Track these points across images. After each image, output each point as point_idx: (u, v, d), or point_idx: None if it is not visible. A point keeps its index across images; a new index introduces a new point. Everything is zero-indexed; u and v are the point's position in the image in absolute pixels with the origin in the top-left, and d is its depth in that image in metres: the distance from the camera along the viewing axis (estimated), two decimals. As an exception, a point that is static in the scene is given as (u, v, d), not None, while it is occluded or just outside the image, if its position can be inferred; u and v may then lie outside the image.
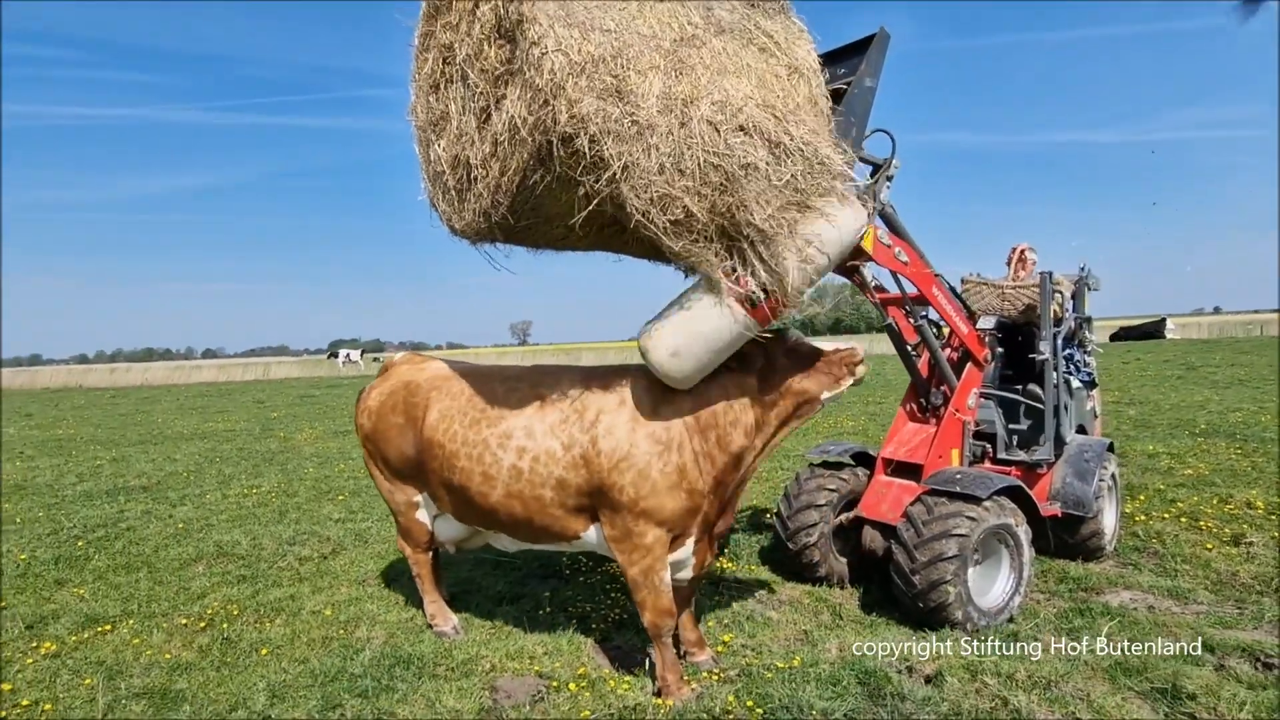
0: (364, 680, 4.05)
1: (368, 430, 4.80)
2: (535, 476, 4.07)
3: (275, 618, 5.16)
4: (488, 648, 4.53)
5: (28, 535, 7.53)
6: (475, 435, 4.23)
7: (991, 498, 4.84)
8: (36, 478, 11.04)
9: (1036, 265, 6.48)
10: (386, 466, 4.77)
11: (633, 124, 3.26)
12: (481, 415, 4.27)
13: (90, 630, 4.98)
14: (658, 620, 3.99)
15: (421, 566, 4.93)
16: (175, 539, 7.24)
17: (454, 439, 4.29)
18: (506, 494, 4.14)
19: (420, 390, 4.60)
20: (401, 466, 4.67)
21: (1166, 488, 7.85)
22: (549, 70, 3.12)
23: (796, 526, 5.65)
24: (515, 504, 4.15)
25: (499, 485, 4.15)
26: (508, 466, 4.12)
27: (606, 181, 3.27)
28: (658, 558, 3.95)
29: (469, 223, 3.69)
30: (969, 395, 5.55)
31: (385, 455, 4.73)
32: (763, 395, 3.99)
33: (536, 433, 4.10)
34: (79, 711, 3.88)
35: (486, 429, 4.21)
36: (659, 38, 3.41)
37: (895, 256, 5.03)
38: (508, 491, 4.14)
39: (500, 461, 4.14)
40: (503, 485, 4.14)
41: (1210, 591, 5.35)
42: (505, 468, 4.12)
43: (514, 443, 4.12)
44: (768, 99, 3.52)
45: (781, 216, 3.43)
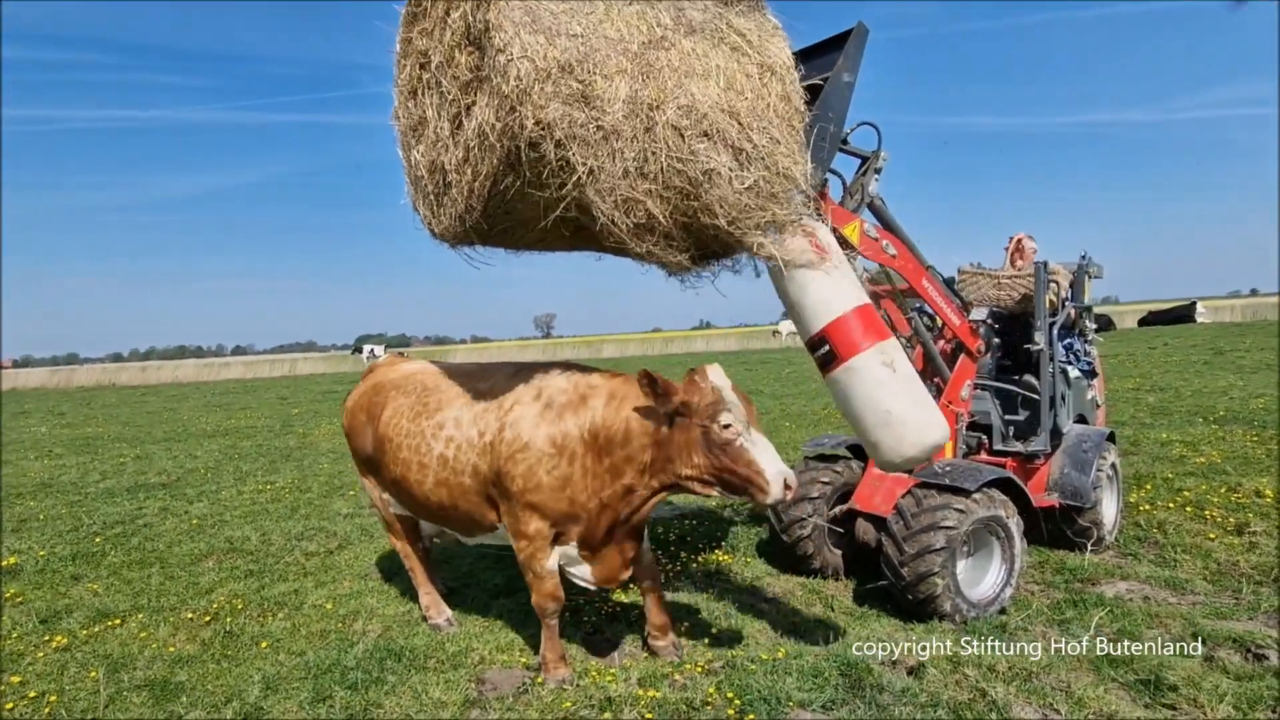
0: (355, 673, 4.16)
1: (346, 428, 5.13)
2: (458, 464, 4.25)
3: (278, 611, 5.30)
4: (479, 640, 4.63)
5: (49, 532, 7.77)
6: (415, 427, 4.46)
7: (981, 490, 4.84)
8: (62, 475, 11.36)
9: (1036, 254, 6.43)
10: (359, 462, 5.08)
11: (598, 129, 3.30)
12: (423, 408, 4.50)
13: (101, 624, 5.15)
14: (541, 603, 4.18)
15: (411, 559, 5.06)
16: (189, 535, 7.44)
17: (399, 432, 4.52)
18: (436, 482, 4.34)
19: (383, 390, 4.85)
20: (367, 463, 4.95)
21: (1175, 476, 7.75)
22: (514, 77, 3.17)
23: (790, 519, 5.68)
24: (443, 491, 4.33)
25: (430, 473, 4.34)
26: (437, 455, 4.31)
27: (573, 186, 3.33)
28: (539, 547, 4.11)
29: (447, 226, 3.76)
30: (962, 387, 5.54)
31: (356, 452, 5.04)
32: (662, 444, 3.86)
33: (463, 422, 4.29)
34: (83, 703, 4.03)
35: (425, 420, 4.44)
36: (627, 41, 3.44)
37: (883, 250, 5.03)
38: (437, 479, 4.33)
39: (432, 450, 4.33)
40: (433, 473, 4.33)
41: (1208, 582, 5.31)
42: (435, 456, 4.31)
43: (444, 432, 4.32)
44: (734, 102, 3.55)
45: (742, 221, 3.50)
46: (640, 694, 3.91)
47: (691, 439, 3.78)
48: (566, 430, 4.03)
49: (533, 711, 3.80)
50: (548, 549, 4.14)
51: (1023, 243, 6.39)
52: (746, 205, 3.51)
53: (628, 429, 3.93)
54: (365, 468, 5.01)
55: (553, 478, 4.00)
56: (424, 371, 4.88)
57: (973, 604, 4.81)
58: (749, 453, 3.72)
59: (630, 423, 3.92)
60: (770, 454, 3.75)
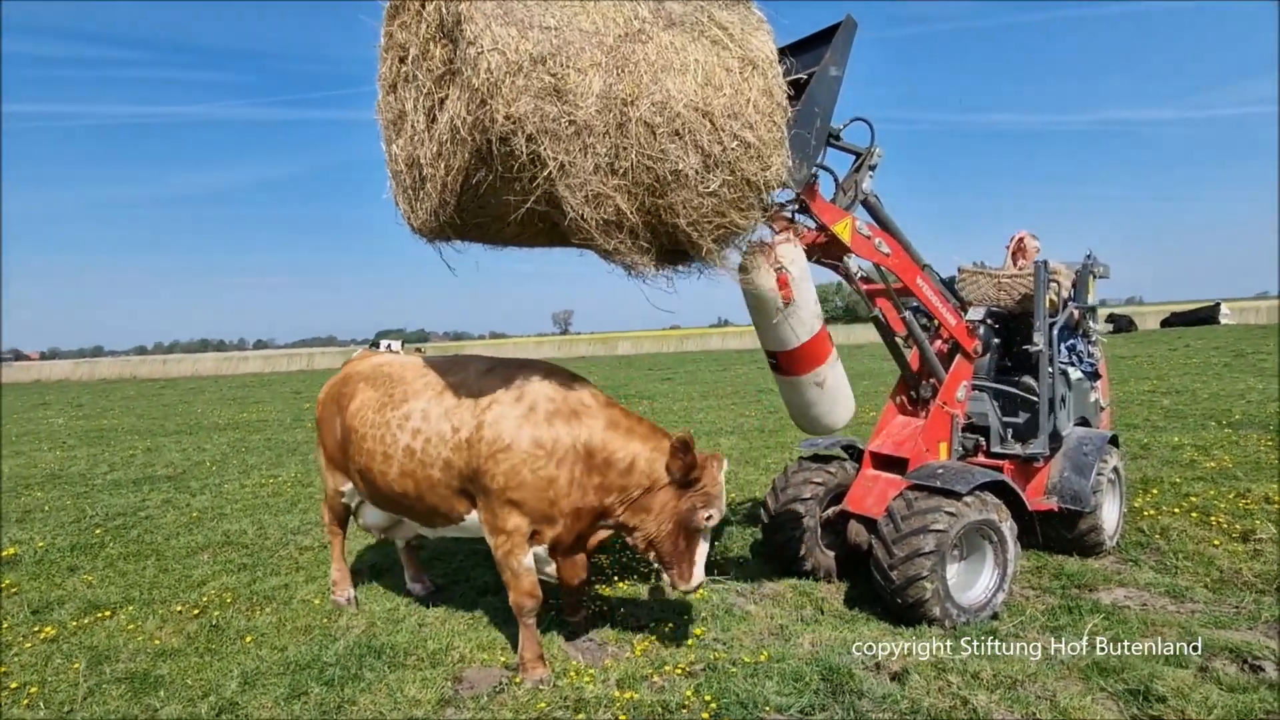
0: (334, 669, 4.15)
1: (317, 417, 5.26)
2: (426, 456, 4.32)
3: (266, 606, 5.31)
4: (461, 638, 4.61)
5: (52, 523, 7.85)
6: (380, 418, 4.55)
7: (972, 493, 4.75)
8: (72, 467, 11.49)
9: (1039, 253, 6.30)
10: (324, 452, 5.18)
11: (570, 124, 3.27)
12: (389, 400, 4.60)
13: (90, 616, 5.18)
14: (519, 600, 4.22)
15: (334, 537, 5.42)
16: (187, 528, 7.48)
17: (365, 423, 4.62)
18: (401, 473, 4.41)
19: (352, 381, 4.96)
20: (333, 453, 5.04)
21: (1183, 481, 7.60)
22: (485, 70, 3.14)
23: (782, 519, 5.62)
24: (409, 483, 4.40)
25: (395, 464, 4.42)
26: (403, 446, 4.38)
27: (544, 180, 3.29)
28: (517, 544, 4.17)
29: (424, 221, 3.73)
30: (958, 388, 5.45)
31: (324, 442, 5.14)
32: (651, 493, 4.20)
33: (432, 416, 4.36)
34: (62, 695, 4.04)
35: (390, 412, 4.52)
36: (602, 34, 3.39)
37: (876, 248, 4.96)
38: (401, 470, 4.40)
39: (397, 441, 4.41)
40: (398, 464, 4.41)
41: (1209, 590, 5.18)
42: (401, 448, 4.39)
43: (411, 424, 4.40)
44: (711, 99, 3.50)
45: (702, 225, 3.51)
46: (617, 695, 3.88)
47: (676, 508, 4.15)
48: (557, 436, 4.14)
49: (507, 711, 3.77)
50: (525, 545, 4.20)
51: (1025, 241, 6.27)
52: (708, 209, 3.53)
53: (633, 463, 4.19)
54: (330, 458, 5.12)
55: (538, 478, 4.09)
56: (393, 364, 4.96)
57: (963, 609, 4.73)
58: (698, 547, 4.22)
59: (639, 459, 4.19)
60: (704, 555, 4.28)
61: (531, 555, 4.24)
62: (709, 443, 11.45)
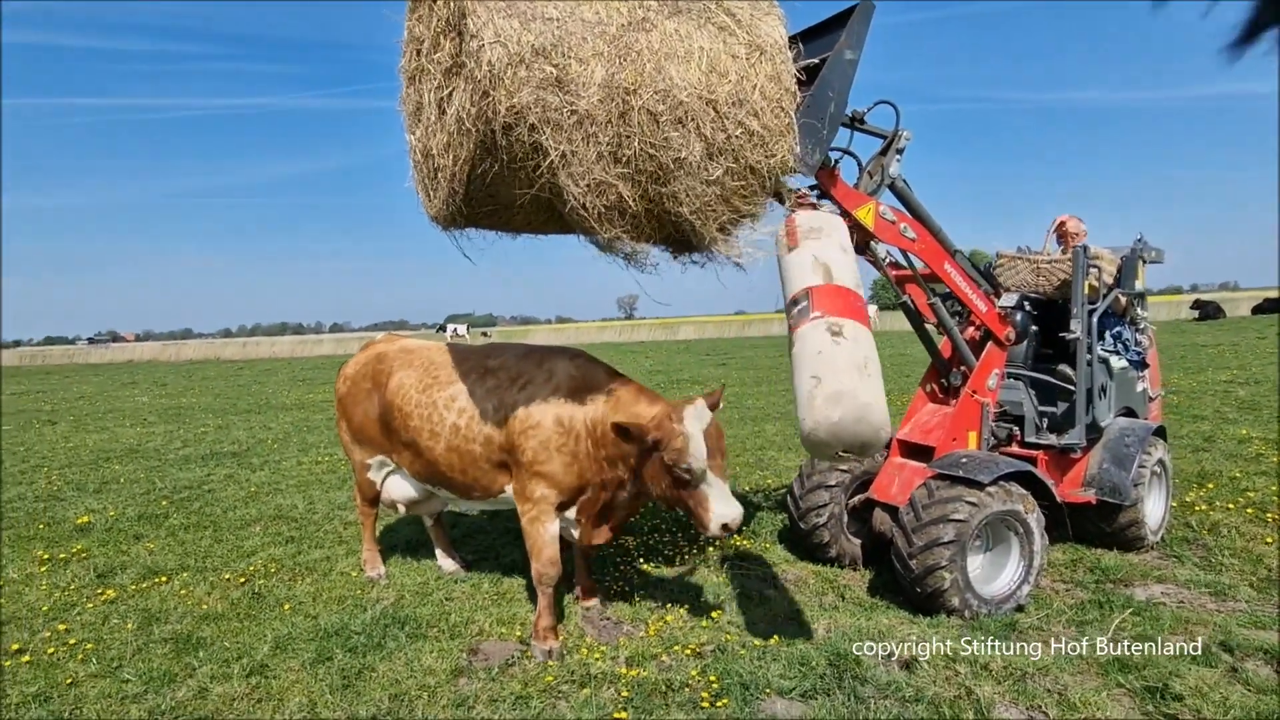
0: (359, 637, 4.36)
1: (341, 394, 5.47)
2: (470, 432, 4.63)
3: (306, 576, 5.59)
4: (483, 612, 4.77)
5: (125, 494, 8.39)
6: (426, 399, 4.84)
7: (996, 483, 4.66)
8: (149, 442, 12.21)
9: (1085, 237, 6.08)
10: (350, 427, 5.41)
11: (572, 113, 3.34)
12: (434, 382, 4.89)
13: (149, 581, 5.54)
14: (542, 568, 4.40)
15: (366, 518, 5.65)
16: (244, 501, 7.90)
17: (409, 402, 4.91)
18: (447, 448, 4.72)
19: (387, 359, 5.24)
20: (365, 427, 5.28)
21: (1244, 475, 7.26)
22: (487, 63, 3.23)
23: (807, 506, 5.62)
24: (454, 457, 4.71)
25: (442, 440, 4.73)
26: (449, 424, 4.70)
27: (547, 169, 3.37)
28: (544, 511, 4.41)
29: (438, 210, 3.86)
30: (989, 376, 5.33)
31: (352, 417, 5.36)
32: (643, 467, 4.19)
33: (476, 395, 4.68)
34: (114, 652, 4.36)
35: (436, 393, 4.82)
36: (605, 23, 3.44)
37: (901, 233, 4.89)
38: (448, 445, 4.71)
39: (444, 420, 4.72)
40: (444, 440, 4.72)
41: (1254, 588, 4.96)
42: (448, 425, 4.71)
43: (457, 404, 4.71)
44: (715, 86, 3.51)
45: (705, 213, 3.53)
46: (623, 673, 3.97)
47: (658, 471, 4.16)
48: (573, 414, 4.43)
49: (515, 684, 3.91)
50: (551, 514, 4.45)
51: (1066, 225, 6.06)
52: (711, 197, 3.55)
53: None
54: (358, 433, 5.36)
55: (562, 454, 4.40)
56: (426, 348, 5.26)
57: (985, 600, 4.65)
58: (701, 492, 4.05)
59: None
60: (720, 497, 4.03)
61: (556, 525, 4.48)
62: (754, 428, 11.43)
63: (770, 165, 3.71)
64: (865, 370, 3.55)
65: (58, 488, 8.84)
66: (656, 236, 3.86)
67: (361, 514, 5.67)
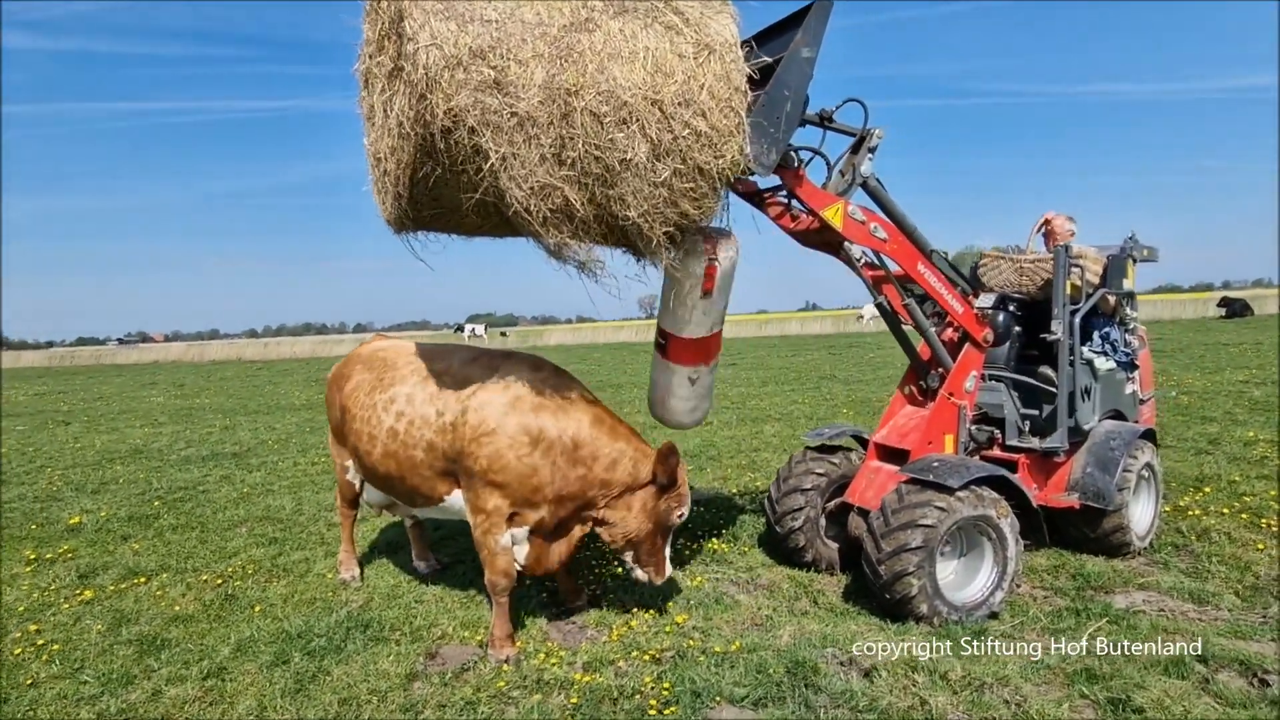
0: (320, 640, 4.37)
1: (326, 396, 5.46)
2: (408, 438, 4.50)
3: (283, 578, 5.62)
4: (448, 615, 4.77)
5: (121, 495, 8.50)
6: (369, 400, 4.78)
7: (967, 487, 4.57)
8: (154, 443, 12.38)
9: (1073, 237, 5.95)
10: (331, 428, 5.43)
11: (512, 115, 3.31)
12: (379, 383, 4.80)
13: (128, 582, 5.61)
14: (494, 579, 4.35)
15: (345, 519, 5.62)
16: (235, 502, 7.97)
17: (357, 404, 4.86)
18: (384, 453, 4.61)
19: (353, 363, 5.19)
20: (335, 430, 5.30)
21: (1243, 479, 7.08)
22: (423, 65, 3.21)
23: (783, 510, 5.55)
24: (391, 463, 4.60)
25: (379, 444, 4.63)
26: (386, 428, 4.59)
27: (488, 173, 3.35)
28: (495, 523, 4.30)
29: (389, 213, 3.85)
30: (966, 378, 5.24)
31: (331, 419, 5.38)
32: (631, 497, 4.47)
33: (417, 399, 4.54)
34: (79, 653, 4.41)
35: (378, 395, 4.73)
36: (546, 24, 3.41)
37: (871, 233, 4.81)
38: (385, 450, 4.60)
39: (381, 423, 4.62)
40: (381, 445, 4.62)
41: (1239, 597, 4.83)
42: (385, 429, 4.60)
43: (395, 407, 4.60)
44: (661, 87, 3.47)
45: (652, 216, 3.49)
46: (578, 678, 3.94)
47: (655, 509, 4.44)
48: (544, 426, 4.29)
49: (468, 689, 3.89)
50: (503, 525, 4.34)
51: (1053, 223, 5.93)
52: (659, 200, 3.51)
53: (617, 461, 4.39)
54: (335, 436, 5.38)
55: (522, 464, 4.24)
56: (390, 349, 5.17)
57: (956, 607, 4.57)
58: (667, 546, 4.66)
59: (624, 458, 4.40)
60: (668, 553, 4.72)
61: (509, 535, 4.38)
62: (752, 429, 11.35)
63: (720, 166, 3.66)
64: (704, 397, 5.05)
65: (57, 488, 8.99)
66: (607, 243, 3.83)
67: (341, 515, 5.67)
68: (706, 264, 4.28)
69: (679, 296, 4.46)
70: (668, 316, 4.66)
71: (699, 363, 4.78)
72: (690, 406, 4.98)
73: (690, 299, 4.41)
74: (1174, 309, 46.04)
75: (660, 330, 4.79)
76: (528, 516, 4.35)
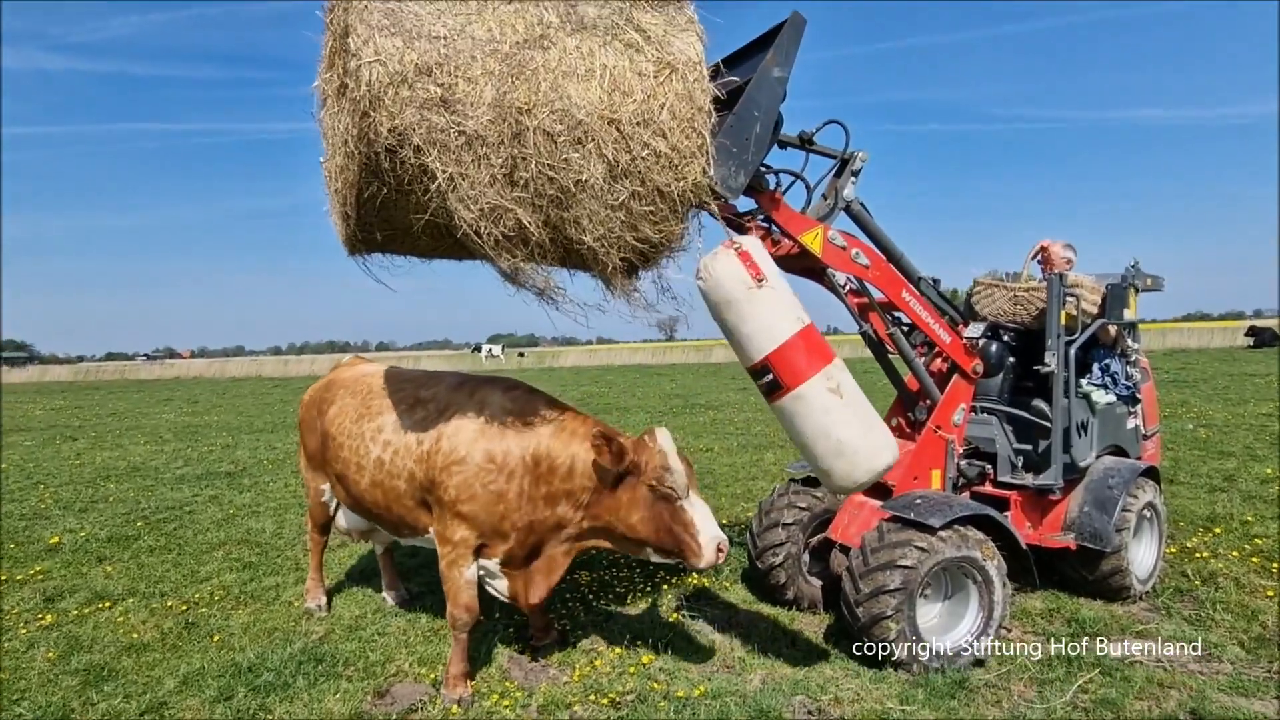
0: (269, 674, 4.21)
1: (300, 420, 5.34)
2: (393, 468, 4.38)
3: (249, 605, 5.47)
4: (407, 650, 4.60)
5: (107, 514, 8.42)
6: (356, 429, 4.63)
7: (950, 527, 4.35)
8: (153, 460, 12.35)
9: (1072, 265, 5.73)
10: (306, 455, 5.27)
11: (460, 134, 3.20)
12: (365, 411, 4.66)
13: (93, 606, 5.48)
14: (456, 612, 4.19)
15: (314, 546, 5.49)
16: (218, 524, 7.86)
17: (342, 431, 4.71)
18: (371, 482, 4.49)
19: (334, 388, 5.07)
20: (313, 456, 5.14)
21: (1256, 520, 6.76)
22: (366, 82, 3.10)
23: (764, 545, 5.33)
24: (378, 493, 4.48)
25: (366, 474, 4.51)
26: (374, 458, 4.47)
27: (436, 194, 3.22)
28: (461, 555, 4.16)
29: (340, 233, 3.74)
30: (954, 410, 5.02)
31: (306, 445, 5.23)
32: (603, 491, 4.04)
33: (403, 427, 4.42)
34: (23, 682, 4.28)
35: (366, 423, 4.60)
36: (498, 41, 3.30)
37: (852, 259, 4.64)
38: (372, 480, 4.49)
39: (369, 453, 4.50)
40: (369, 474, 4.50)
41: (1244, 649, 4.55)
42: (372, 458, 4.48)
43: (382, 436, 4.48)
44: (619, 106, 3.34)
45: (609, 239, 3.34)
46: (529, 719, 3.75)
47: (635, 498, 3.97)
48: (508, 449, 4.14)
49: (412, 731, 3.71)
50: (470, 558, 4.20)
51: (1049, 250, 5.72)
52: (616, 224, 3.36)
53: (573, 465, 4.09)
54: (310, 460, 5.22)
55: (488, 492, 4.10)
56: (374, 374, 5.01)
57: (936, 654, 4.32)
58: (687, 513, 3.90)
59: (576, 461, 4.08)
60: (707, 517, 3.93)
61: (475, 569, 4.22)
62: (753, 456, 11.12)
63: (681, 188, 3.51)
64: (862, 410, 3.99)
65: (46, 506, 8.94)
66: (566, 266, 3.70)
67: (311, 541, 5.53)
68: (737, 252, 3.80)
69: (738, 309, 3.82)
70: (752, 340, 3.87)
71: (823, 361, 3.86)
72: (862, 431, 3.88)
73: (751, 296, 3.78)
74: (1202, 338, 45.20)
75: (755, 368, 3.94)
76: (496, 548, 4.20)
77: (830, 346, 4.04)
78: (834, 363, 3.96)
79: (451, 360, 62.60)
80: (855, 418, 3.92)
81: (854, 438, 3.86)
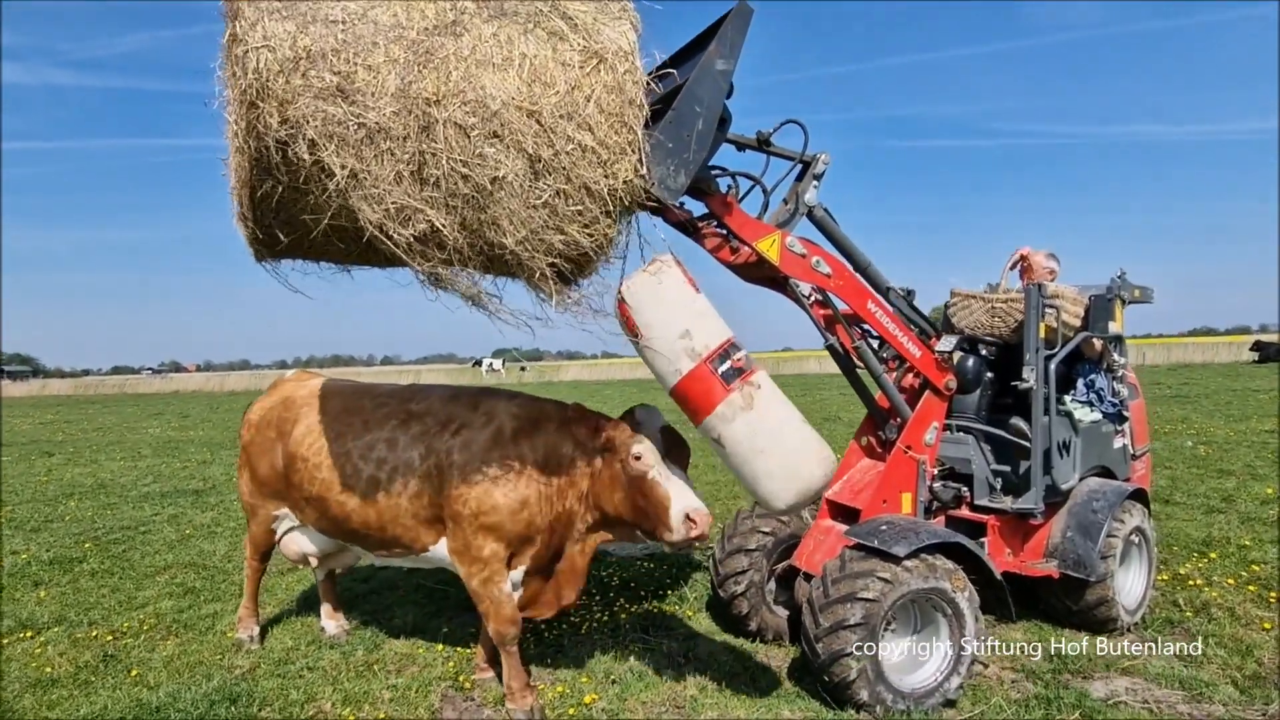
0: (177, 715, 3.90)
1: (245, 441, 4.93)
2: (392, 486, 4.18)
3: (181, 635, 5.16)
4: (332, 688, 4.27)
5: (60, 534, 8.11)
6: (339, 448, 4.35)
7: (916, 555, 4.02)
8: (122, 477, 12.04)
9: (1056, 276, 5.43)
10: (254, 478, 4.85)
11: (360, 127, 2.91)
12: (347, 429, 4.40)
13: (14, 636, 5.17)
14: (501, 629, 4.04)
15: (252, 574, 5.13)
16: (170, 545, 7.53)
17: (318, 452, 4.41)
18: (363, 502, 4.25)
19: (294, 406, 4.72)
20: (268, 479, 4.74)
21: (1254, 544, 6.41)
22: (252, 69, 2.83)
23: (726, 572, 5.00)
24: (369, 512, 4.24)
25: (355, 495, 4.26)
26: (366, 476, 4.24)
27: (335, 192, 2.94)
28: (495, 570, 4.02)
29: (243, 237, 3.45)
30: (926, 429, 4.69)
31: (256, 468, 4.81)
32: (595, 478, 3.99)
33: (399, 444, 4.22)
34: (-90, 724, 3.96)
35: (351, 441, 4.34)
36: (404, 27, 3.02)
37: (813, 268, 4.32)
38: (364, 500, 4.24)
39: (360, 472, 4.25)
40: (358, 494, 4.25)
41: (1237, 687, 4.21)
42: (364, 478, 4.24)
43: (375, 454, 4.25)
44: (539, 98, 3.05)
45: (533, 242, 3.04)
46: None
47: (614, 475, 3.89)
48: (521, 454, 4.07)
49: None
50: (504, 571, 4.07)
51: (1030, 259, 5.42)
52: (539, 224, 3.06)
53: (571, 455, 4.06)
54: (262, 485, 4.79)
55: (510, 500, 3.99)
56: (340, 390, 4.75)
57: (902, 694, 3.98)
58: (658, 487, 3.75)
59: (573, 449, 4.06)
60: (680, 490, 3.77)
61: (510, 582, 4.09)
62: (736, 475, 10.76)
63: (611, 186, 3.21)
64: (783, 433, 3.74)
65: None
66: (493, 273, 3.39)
67: (249, 569, 5.14)
68: (618, 304, 3.76)
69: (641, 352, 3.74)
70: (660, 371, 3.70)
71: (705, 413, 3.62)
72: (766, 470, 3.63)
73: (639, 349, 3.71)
74: (1207, 353, 44.86)
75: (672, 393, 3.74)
76: (525, 554, 4.10)
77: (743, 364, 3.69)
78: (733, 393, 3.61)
79: (452, 374, 62.27)
80: (771, 441, 3.67)
81: (772, 461, 3.65)
